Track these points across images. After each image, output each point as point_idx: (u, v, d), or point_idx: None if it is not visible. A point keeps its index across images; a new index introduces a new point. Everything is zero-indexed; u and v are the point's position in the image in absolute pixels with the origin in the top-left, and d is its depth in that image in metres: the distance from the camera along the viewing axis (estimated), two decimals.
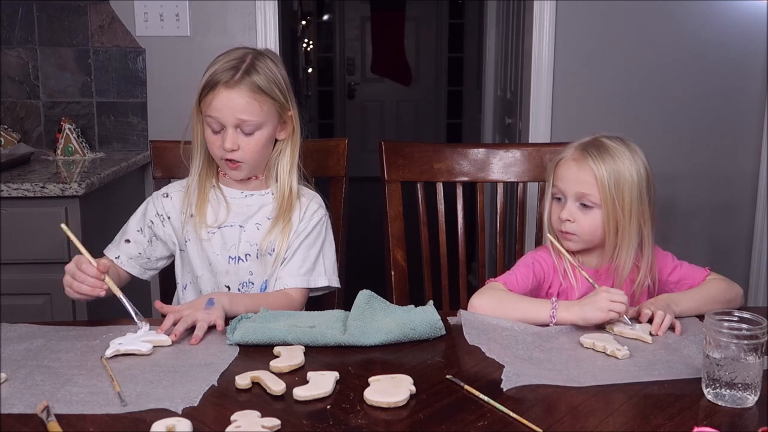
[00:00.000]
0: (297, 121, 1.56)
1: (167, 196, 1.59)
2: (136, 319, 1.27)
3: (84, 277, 1.32)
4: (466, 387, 1.08)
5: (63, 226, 1.35)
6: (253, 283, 1.56)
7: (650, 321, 1.32)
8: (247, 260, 1.54)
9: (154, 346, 1.22)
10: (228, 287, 1.55)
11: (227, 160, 1.50)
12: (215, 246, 1.54)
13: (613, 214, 1.42)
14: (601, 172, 1.41)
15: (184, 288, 1.59)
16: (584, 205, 1.44)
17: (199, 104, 1.50)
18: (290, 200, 1.55)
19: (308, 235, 1.55)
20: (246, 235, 1.54)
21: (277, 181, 1.56)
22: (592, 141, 1.47)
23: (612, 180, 1.41)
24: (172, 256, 1.60)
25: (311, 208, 1.57)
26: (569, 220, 1.44)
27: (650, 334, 1.28)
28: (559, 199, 1.47)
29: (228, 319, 1.32)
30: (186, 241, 1.56)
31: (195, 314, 1.29)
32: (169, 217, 1.57)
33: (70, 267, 1.35)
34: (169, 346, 1.23)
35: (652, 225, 1.47)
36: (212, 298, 1.35)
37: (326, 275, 1.56)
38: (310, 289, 1.56)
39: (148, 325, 1.27)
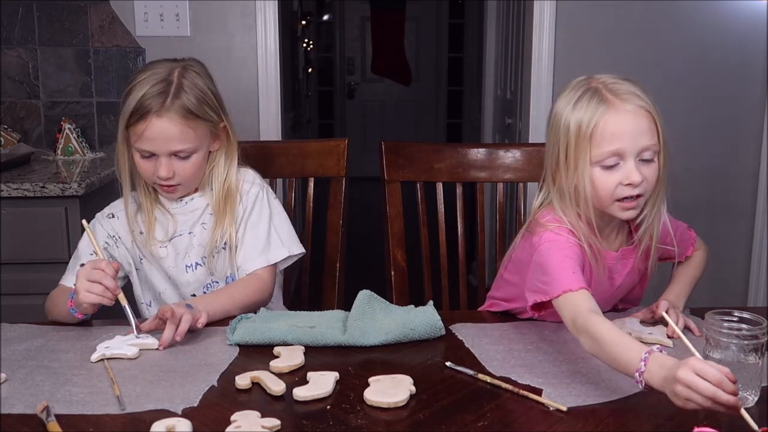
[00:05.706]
0: (231, 129, 1.51)
1: (113, 217, 1.52)
2: (135, 332, 1.25)
3: (101, 275, 1.25)
4: (480, 375, 1.10)
5: (84, 222, 1.35)
6: (217, 282, 1.51)
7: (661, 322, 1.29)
8: (204, 263, 1.50)
9: (140, 350, 1.20)
10: (194, 295, 1.50)
11: (162, 185, 1.45)
12: (170, 259, 1.50)
13: (665, 156, 1.26)
14: (654, 111, 1.23)
15: (149, 305, 1.54)
16: (643, 160, 1.24)
17: (126, 129, 1.41)
18: (230, 194, 1.50)
19: (250, 215, 1.51)
20: (196, 239, 1.50)
21: (212, 189, 1.51)
22: (613, 85, 1.25)
23: (659, 115, 1.23)
24: (126, 277, 1.54)
25: (244, 189, 1.52)
26: (641, 182, 1.23)
27: (668, 336, 1.26)
28: (610, 166, 1.23)
29: (228, 320, 1.32)
30: (141, 259, 1.52)
31: (179, 311, 1.24)
32: (120, 237, 1.52)
33: (84, 270, 1.28)
34: (155, 350, 1.21)
35: None
36: (190, 305, 1.30)
37: (284, 246, 1.52)
38: (278, 264, 1.52)
39: (149, 336, 1.24)
